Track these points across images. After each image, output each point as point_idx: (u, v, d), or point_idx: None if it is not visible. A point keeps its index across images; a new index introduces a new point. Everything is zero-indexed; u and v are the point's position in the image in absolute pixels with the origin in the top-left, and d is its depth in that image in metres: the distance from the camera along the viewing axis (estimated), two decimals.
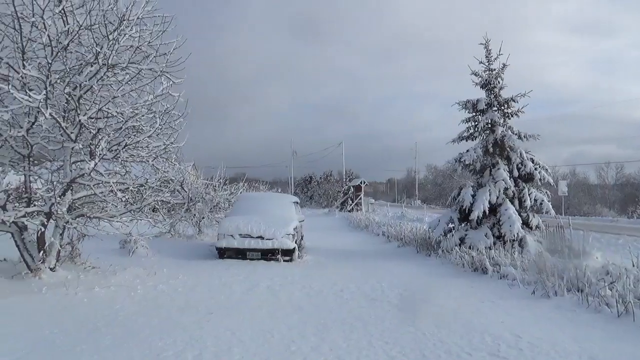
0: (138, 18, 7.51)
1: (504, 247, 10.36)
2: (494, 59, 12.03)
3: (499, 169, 11.40)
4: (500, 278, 8.64)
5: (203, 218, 15.58)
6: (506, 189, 11.17)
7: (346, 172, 53.06)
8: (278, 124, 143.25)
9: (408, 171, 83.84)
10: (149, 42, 7.80)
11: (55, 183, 7.07)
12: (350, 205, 39.40)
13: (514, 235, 10.49)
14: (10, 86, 6.09)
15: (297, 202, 13.82)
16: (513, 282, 8.16)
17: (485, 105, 11.95)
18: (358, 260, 11.66)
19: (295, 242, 11.11)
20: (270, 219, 11.10)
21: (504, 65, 11.93)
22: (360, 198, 39.57)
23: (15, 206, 7.08)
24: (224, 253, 10.79)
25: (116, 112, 7.65)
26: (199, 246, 13.38)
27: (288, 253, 10.77)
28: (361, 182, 40.51)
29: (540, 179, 11.37)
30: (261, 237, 10.68)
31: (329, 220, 31.00)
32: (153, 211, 10.20)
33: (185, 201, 14.36)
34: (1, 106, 7.25)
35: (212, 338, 5.01)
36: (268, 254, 10.65)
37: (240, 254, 10.72)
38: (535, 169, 11.37)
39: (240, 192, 17.36)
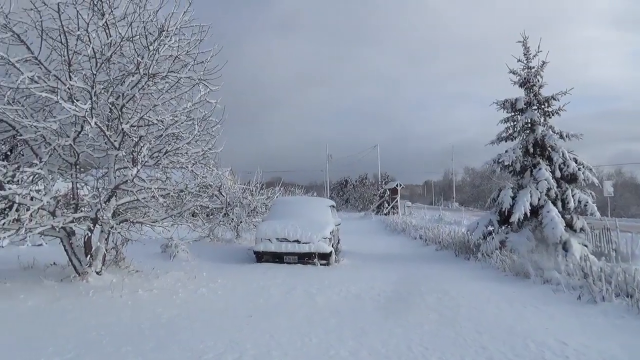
0: (176, 28, 7.72)
1: (546, 251, 10.03)
2: (533, 56, 11.73)
3: (540, 169, 11.07)
4: (544, 283, 8.37)
5: (241, 222, 15.81)
6: (548, 190, 10.82)
7: (382, 175, 52.71)
8: (313, 128, 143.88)
9: (445, 173, 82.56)
10: (187, 52, 8.01)
11: (100, 190, 7.34)
12: (387, 208, 39.12)
13: (557, 238, 10.15)
14: (58, 97, 6.37)
15: (334, 206, 13.83)
16: (557, 286, 7.88)
17: (525, 104, 11.65)
18: (395, 264, 11.55)
19: (332, 246, 11.12)
20: (306, 223, 11.16)
21: (544, 63, 11.61)
22: (397, 201, 39.23)
23: (64, 212, 7.40)
24: (261, 257, 10.92)
25: (156, 119, 7.89)
26: (237, 250, 13.58)
27: (325, 257, 10.79)
28: (397, 185, 40.17)
29: (584, 180, 10.97)
30: (298, 241, 10.75)
31: (365, 223, 30.86)
32: (192, 216, 10.45)
33: (223, 206, 14.61)
34: (50, 116, 7.62)
35: (251, 341, 5.07)
36: (305, 258, 10.70)
37: (277, 257, 10.82)
38: (579, 169, 10.98)
39: (277, 197, 17.52)
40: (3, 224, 6.27)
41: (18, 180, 6.80)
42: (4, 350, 4.65)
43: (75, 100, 6.95)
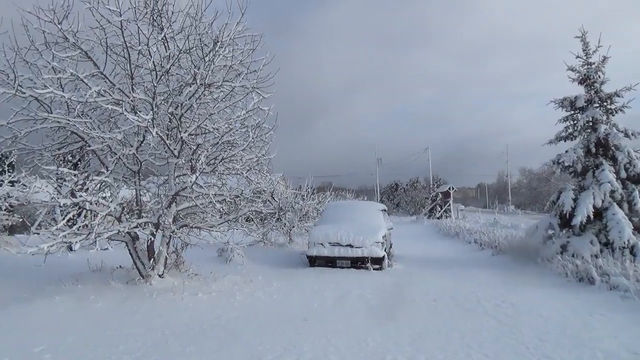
0: (230, 39, 7.98)
1: (612, 255, 9.52)
2: (593, 52, 11.20)
3: (603, 170, 10.52)
4: (610, 289, 7.94)
5: (293, 227, 16.02)
6: (613, 191, 10.26)
7: (433, 178, 51.78)
8: (363, 132, 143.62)
9: (499, 175, 79.83)
10: (241, 61, 8.25)
11: (162, 196, 7.68)
12: (439, 212, 38.34)
13: (624, 242, 9.59)
14: (123, 109, 6.74)
15: (385, 210, 13.74)
16: (625, 293, 7.47)
17: (585, 102, 11.13)
18: (450, 269, 11.31)
19: (385, 250, 11.05)
20: (359, 227, 11.16)
21: (605, 58, 11.06)
22: (449, 204, 38.36)
23: (128, 218, 7.80)
24: (314, 261, 11.01)
25: (212, 128, 8.17)
26: (290, 254, 13.76)
27: (378, 261, 10.74)
28: (449, 188, 39.28)
29: None
30: (350, 246, 10.76)
31: (417, 227, 30.40)
32: (247, 221, 10.70)
33: (276, 211, 14.87)
34: (115, 128, 8.07)
35: (308, 344, 5.14)
36: (358, 262, 10.69)
37: (330, 262, 10.87)
38: None
39: (328, 201, 17.62)
40: (76, 229, 6.68)
41: (87, 189, 7.24)
42: (79, 348, 4.96)
43: (137, 112, 7.36)
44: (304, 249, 14.37)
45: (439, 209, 38.87)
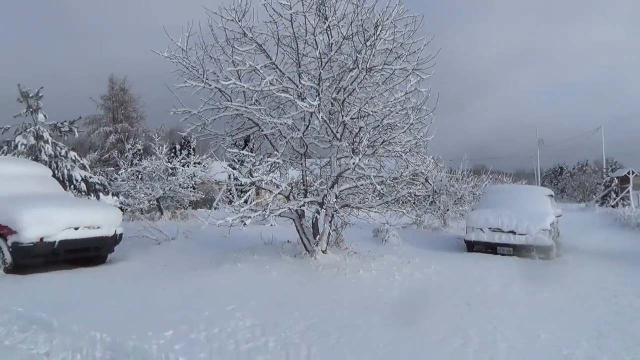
0: (391, 22, 8.01)
1: None
2: None
3: None
4: None
5: (447, 210, 15.66)
6: None
7: (607, 161, 45.67)
8: (522, 112, 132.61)
9: None
10: (401, 43, 8.24)
11: (326, 177, 8.15)
12: (614, 199, 33.83)
13: None
14: (294, 96, 7.27)
15: (552, 195, 12.63)
16: None
17: None
18: (630, 264, 9.98)
19: (552, 239, 10.20)
20: (522, 213, 10.47)
21: None
22: (628, 191, 33.56)
23: (296, 197, 8.45)
24: (472, 246, 10.66)
25: (372, 111, 8.35)
26: (445, 238, 13.51)
27: (544, 250, 9.97)
28: (628, 173, 34.30)
29: None
30: (513, 232, 10.17)
31: (586, 216, 27.28)
32: (402, 203, 10.77)
33: (429, 193, 14.68)
34: (283, 114, 8.75)
35: (474, 329, 5.06)
36: (521, 250, 10.06)
37: (489, 248, 10.42)
38: None
39: (484, 185, 16.80)
40: (253, 206, 7.47)
41: (258, 169, 8.01)
42: (261, 311, 5.59)
43: (304, 98, 7.87)
44: (459, 233, 14.00)
45: (615, 196, 34.29)
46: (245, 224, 7.37)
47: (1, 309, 5.58)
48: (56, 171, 15.60)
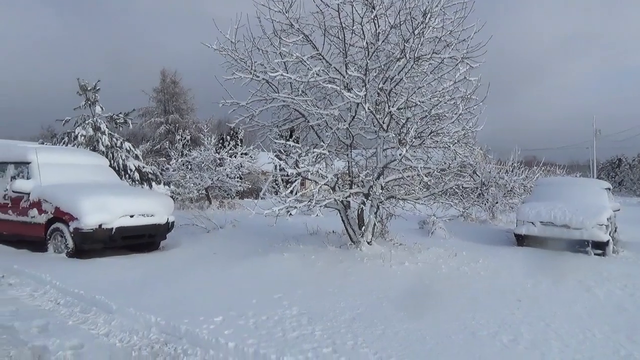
0: (440, 9, 7.82)
1: None
2: None
3: None
4: None
5: (496, 203, 15.23)
6: None
7: None
8: (578, 100, 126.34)
9: None
10: (451, 31, 8.03)
11: (373, 168, 8.11)
12: None
13: None
14: (340, 87, 7.26)
15: (609, 189, 12.03)
16: None
17: None
18: None
19: (609, 234, 9.73)
20: (577, 207, 10.03)
21: None
22: None
23: (341, 187, 8.47)
24: (522, 241, 10.34)
25: (419, 101, 8.20)
26: (493, 231, 13.16)
27: (600, 246, 9.53)
28: None
29: None
30: (566, 226, 9.77)
31: None
32: (449, 195, 10.58)
33: (477, 185, 14.32)
34: (329, 105, 8.75)
35: (525, 325, 4.93)
36: (575, 246, 9.66)
37: (541, 243, 10.07)
38: None
39: (537, 177, 16.19)
40: (299, 196, 7.54)
41: (304, 160, 8.06)
42: (307, 300, 5.67)
43: (350, 89, 7.83)
44: (508, 226, 13.63)
45: None
46: (291, 214, 7.46)
47: (65, 291, 5.94)
48: (112, 161, 16.34)
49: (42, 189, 8.71)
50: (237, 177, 19.64)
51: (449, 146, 8.18)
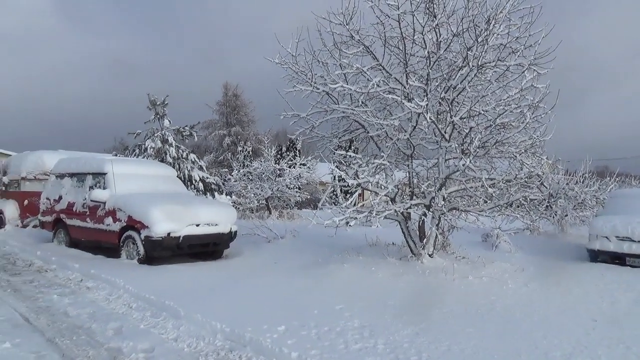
0: (505, 15, 7.59)
1: None
2: None
3: None
4: None
5: (566, 216, 14.43)
6: None
7: None
8: None
9: None
10: (517, 38, 7.76)
11: (434, 179, 7.96)
12: None
13: None
14: (401, 97, 7.20)
15: None
16: None
17: None
18: None
19: None
20: None
21: None
22: None
23: (401, 199, 8.35)
24: (596, 256, 9.70)
25: (483, 110, 7.96)
26: (562, 246, 12.45)
27: None
28: None
29: None
30: None
31: None
32: (514, 207, 10.12)
33: (545, 197, 13.63)
34: (389, 115, 8.69)
35: (602, 347, 4.62)
36: None
37: (617, 258, 9.40)
38: None
39: (611, 189, 15.20)
40: (359, 207, 7.52)
41: (364, 171, 8.03)
42: (369, 311, 5.61)
43: (411, 99, 7.75)
44: (578, 241, 12.87)
45: None
46: (350, 225, 7.45)
47: (137, 295, 6.25)
48: (179, 172, 17.09)
49: (117, 198, 9.26)
50: (296, 188, 19.91)
51: (515, 156, 7.88)
